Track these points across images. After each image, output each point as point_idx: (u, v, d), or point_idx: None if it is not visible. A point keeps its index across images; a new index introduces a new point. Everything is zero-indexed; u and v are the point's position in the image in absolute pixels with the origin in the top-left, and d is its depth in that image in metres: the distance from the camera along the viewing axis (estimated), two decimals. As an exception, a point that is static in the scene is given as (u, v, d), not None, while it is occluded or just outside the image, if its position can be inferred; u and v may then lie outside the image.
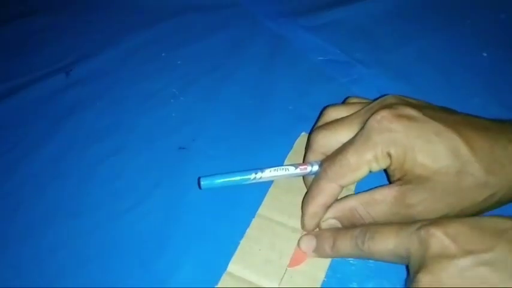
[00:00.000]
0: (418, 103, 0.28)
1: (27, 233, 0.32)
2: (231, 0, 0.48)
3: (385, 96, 0.28)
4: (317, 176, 0.28)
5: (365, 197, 0.26)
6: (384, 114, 0.26)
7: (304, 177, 0.30)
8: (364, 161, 0.26)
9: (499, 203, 0.26)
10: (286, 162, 0.33)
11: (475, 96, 0.37)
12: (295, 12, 0.46)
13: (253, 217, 0.30)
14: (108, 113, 0.40)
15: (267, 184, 0.32)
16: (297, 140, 0.34)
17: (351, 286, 0.28)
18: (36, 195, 0.35)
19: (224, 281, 0.28)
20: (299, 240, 0.29)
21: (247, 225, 0.30)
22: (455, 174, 0.24)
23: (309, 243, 0.28)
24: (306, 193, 0.29)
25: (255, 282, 0.27)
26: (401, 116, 0.25)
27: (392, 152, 0.25)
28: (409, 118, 0.25)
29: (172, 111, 0.39)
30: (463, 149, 0.24)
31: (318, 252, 0.28)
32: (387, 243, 0.24)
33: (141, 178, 0.35)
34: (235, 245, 0.29)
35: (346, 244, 0.26)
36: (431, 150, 0.25)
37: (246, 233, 0.30)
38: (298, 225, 0.30)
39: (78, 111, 0.40)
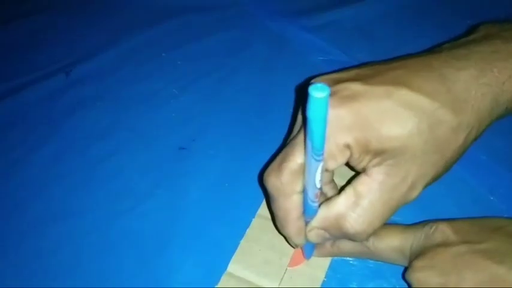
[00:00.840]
0: (350, 73, 0.24)
1: (27, 233, 0.32)
2: (231, 0, 0.48)
3: (312, 84, 0.26)
4: (271, 194, 0.24)
5: (349, 196, 0.23)
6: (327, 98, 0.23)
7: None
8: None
9: (476, 138, 0.24)
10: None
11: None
12: (295, 12, 0.46)
13: (253, 217, 0.30)
14: (108, 113, 0.40)
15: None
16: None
17: (351, 286, 0.28)
18: (36, 195, 0.35)
19: (224, 281, 0.28)
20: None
21: (247, 225, 0.30)
22: (428, 129, 0.22)
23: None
24: (275, 218, 0.25)
25: (255, 282, 0.27)
26: (343, 98, 0.22)
27: (349, 140, 0.22)
28: (352, 97, 0.22)
29: (172, 111, 0.39)
30: (422, 101, 0.22)
31: (319, 249, 0.28)
32: (392, 240, 0.25)
33: (141, 178, 0.35)
34: (235, 245, 0.29)
35: (348, 241, 0.26)
36: (392, 118, 0.22)
37: (246, 233, 0.30)
38: (298, 225, 0.30)
39: (78, 111, 0.40)
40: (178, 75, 0.42)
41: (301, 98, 0.25)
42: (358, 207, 0.22)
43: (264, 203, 0.31)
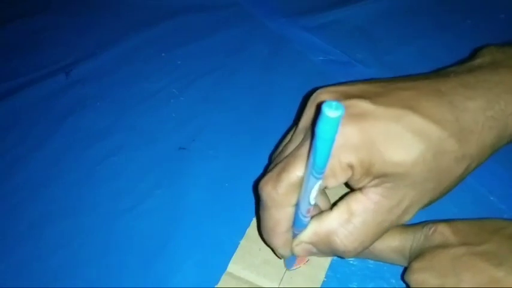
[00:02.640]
0: (358, 89, 0.24)
1: (27, 233, 0.32)
2: (231, 0, 0.48)
3: (316, 95, 0.24)
4: (264, 203, 0.23)
5: (342, 213, 0.23)
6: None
7: None
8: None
9: (474, 169, 0.24)
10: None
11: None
12: (295, 12, 0.46)
13: (253, 217, 0.30)
14: (108, 113, 0.40)
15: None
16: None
17: (350, 286, 0.28)
18: (36, 195, 0.35)
19: (224, 281, 0.28)
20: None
21: (247, 225, 0.30)
22: (433, 158, 0.21)
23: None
24: (261, 225, 0.25)
25: (255, 282, 0.27)
26: (351, 116, 0.21)
27: (353, 161, 0.21)
28: (360, 116, 0.22)
29: (172, 111, 0.39)
30: (431, 129, 0.22)
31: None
32: (392, 240, 0.25)
33: (141, 178, 0.35)
34: (235, 245, 0.29)
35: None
36: (398, 143, 0.21)
37: (246, 233, 0.30)
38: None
39: (78, 111, 0.40)
40: (178, 75, 0.42)
41: (304, 105, 0.25)
42: (351, 225, 0.22)
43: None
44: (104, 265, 0.30)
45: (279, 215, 0.23)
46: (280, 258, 0.28)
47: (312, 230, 0.23)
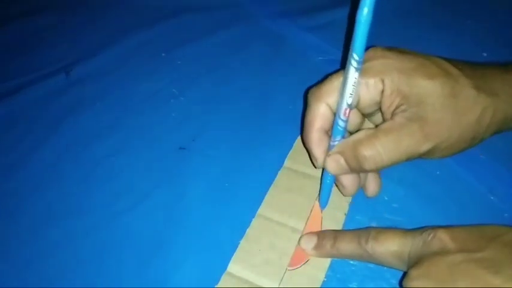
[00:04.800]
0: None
1: (27, 233, 0.32)
2: (231, 0, 0.48)
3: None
4: (308, 100, 0.28)
5: (370, 129, 0.26)
6: (375, 48, 0.27)
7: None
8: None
9: (492, 127, 0.27)
10: (286, 162, 0.33)
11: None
12: (295, 12, 0.46)
13: (253, 217, 0.30)
14: (108, 113, 0.40)
15: (267, 184, 0.32)
16: (297, 140, 0.34)
17: (350, 286, 0.28)
18: (36, 195, 0.35)
19: (224, 281, 0.28)
20: (300, 238, 0.29)
21: (247, 225, 0.30)
22: (450, 88, 0.25)
23: (309, 241, 0.28)
24: (303, 127, 0.28)
25: (255, 282, 0.27)
26: (392, 49, 0.27)
27: (385, 77, 0.25)
28: (399, 50, 0.27)
29: (172, 111, 0.39)
30: (453, 69, 0.26)
31: (319, 250, 0.28)
32: (391, 244, 0.24)
33: (141, 178, 0.35)
34: (235, 245, 0.29)
35: (348, 243, 0.26)
36: (425, 71, 0.26)
37: (246, 233, 0.30)
38: (298, 225, 0.30)
39: (78, 111, 0.40)
40: (178, 75, 0.42)
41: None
42: (375, 137, 0.25)
43: (264, 202, 0.31)
44: (104, 265, 0.30)
45: (317, 110, 0.27)
46: (316, 168, 0.29)
47: (343, 141, 0.26)
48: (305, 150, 0.30)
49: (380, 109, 0.27)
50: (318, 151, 0.27)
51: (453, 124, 0.25)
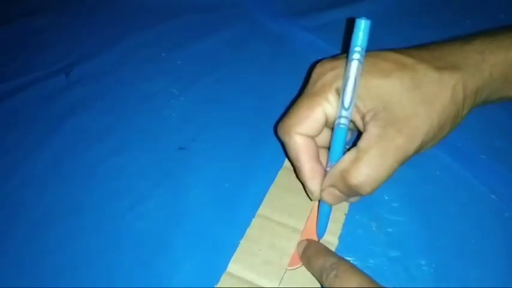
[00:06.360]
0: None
1: (27, 233, 0.32)
2: (231, 0, 0.48)
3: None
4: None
5: (352, 152, 0.24)
6: (320, 62, 0.27)
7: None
8: (315, 104, 0.25)
9: (469, 102, 0.26)
10: (286, 162, 0.33)
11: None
12: (295, 12, 0.46)
13: (253, 217, 0.30)
14: (108, 113, 0.40)
15: (267, 184, 0.32)
16: None
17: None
18: (36, 195, 0.35)
19: (224, 281, 0.28)
20: (297, 244, 0.29)
21: (247, 225, 0.30)
22: (410, 80, 0.24)
23: (300, 249, 0.28)
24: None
25: (255, 282, 0.27)
26: (338, 57, 0.26)
27: (340, 88, 0.25)
28: (346, 56, 0.25)
29: (172, 112, 0.39)
30: (406, 60, 0.25)
31: (300, 259, 0.28)
32: (350, 283, 0.24)
33: (141, 178, 0.35)
34: (235, 245, 0.29)
35: (315, 268, 0.26)
36: (378, 70, 0.25)
37: (246, 233, 0.30)
38: (298, 225, 0.30)
39: (78, 111, 0.40)
40: (178, 75, 0.42)
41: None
42: (358, 160, 0.24)
43: (264, 202, 0.31)
44: (104, 265, 0.30)
45: (295, 144, 0.26)
46: (312, 198, 0.27)
47: (330, 173, 0.25)
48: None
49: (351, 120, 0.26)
50: (314, 183, 0.27)
51: (428, 114, 0.24)
